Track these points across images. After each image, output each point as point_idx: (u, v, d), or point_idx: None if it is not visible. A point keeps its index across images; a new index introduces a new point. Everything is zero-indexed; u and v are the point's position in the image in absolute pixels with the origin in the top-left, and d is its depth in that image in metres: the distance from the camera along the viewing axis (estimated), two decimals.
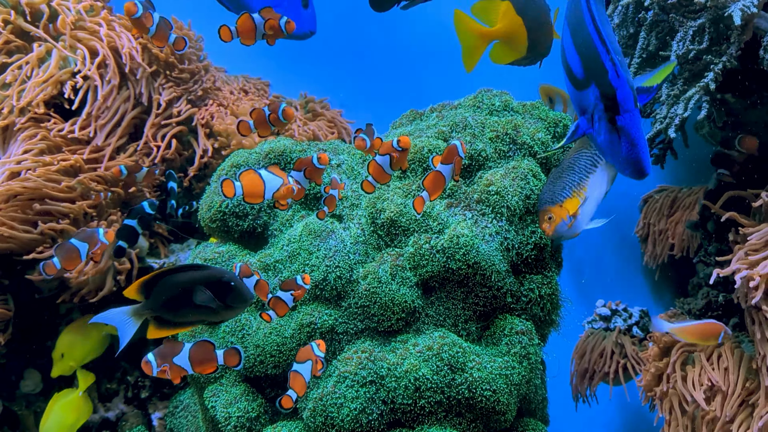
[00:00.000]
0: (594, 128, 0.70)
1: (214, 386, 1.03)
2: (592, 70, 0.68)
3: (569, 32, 0.73)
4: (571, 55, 0.72)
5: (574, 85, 0.73)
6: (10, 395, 1.28)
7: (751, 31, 1.07)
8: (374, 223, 1.02)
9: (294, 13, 0.97)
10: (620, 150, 0.67)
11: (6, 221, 1.16)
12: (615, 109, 0.66)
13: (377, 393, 0.92)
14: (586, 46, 0.69)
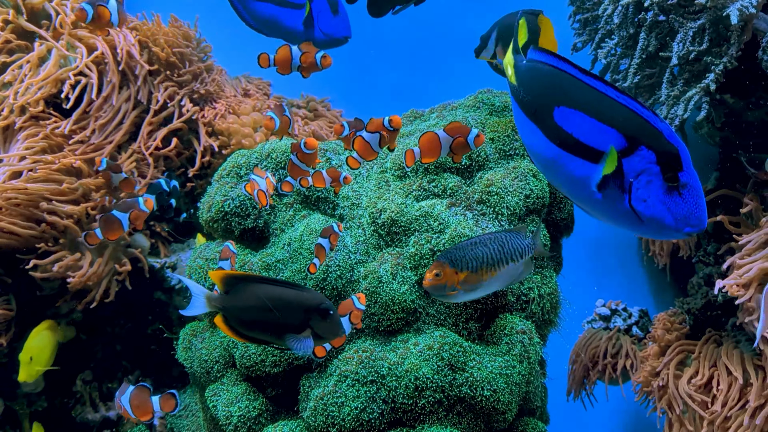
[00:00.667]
0: (632, 196, 0.66)
1: (215, 385, 1.04)
2: (640, 133, 0.66)
3: (579, 109, 0.69)
4: (596, 131, 0.68)
5: (594, 160, 0.68)
6: (11, 394, 1.28)
7: (751, 32, 1.08)
8: (375, 222, 1.03)
9: (325, 20, 0.98)
10: (683, 208, 0.65)
11: (7, 217, 1.16)
12: (678, 167, 0.65)
13: (378, 392, 0.92)
14: (620, 113, 0.67)
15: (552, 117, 0.71)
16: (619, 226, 0.70)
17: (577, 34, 1.41)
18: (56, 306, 1.27)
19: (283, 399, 1.03)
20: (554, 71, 0.71)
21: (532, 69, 0.74)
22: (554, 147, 0.71)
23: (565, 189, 0.73)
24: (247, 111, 1.46)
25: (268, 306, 0.71)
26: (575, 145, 0.69)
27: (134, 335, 1.35)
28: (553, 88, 0.71)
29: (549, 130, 0.71)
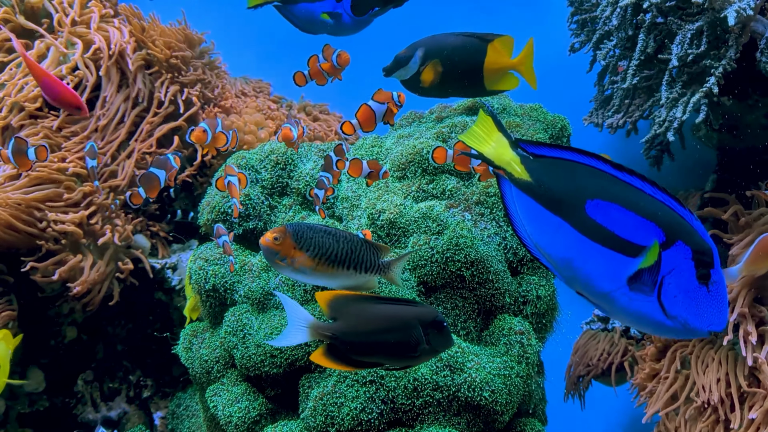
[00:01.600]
0: (662, 291, 0.66)
1: (216, 386, 1.04)
2: (677, 229, 0.66)
3: (616, 202, 0.68)
4: (633, 224, 0.67)
5: (630, 254, 0.67)
6: (12, 394, 1.29)
7: (749, 35, 1.08)
8: (374, 223, 1.03)
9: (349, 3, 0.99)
10: (710, 307, 0.66)
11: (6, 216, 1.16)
12: (710, 265, 0.65)
13: (377, 392, 0.93)
14: (657, 208, 0.67)
15: (584, 210, 0.70)
16: (638, 322, 0.69)
17: (575, 35, 1.41)
18: (57, 306, 1.28)
19: (283, 399, 1.03)
20: (581, 165, 0.71)
21: (551, 164, 0.72)
22: (586, 240, 0.69)
23: (587, 284, 0.71)
24: (250, 111, 1.46)
25: (387, 327, 0.70)
26: (610, 238, 0.68)
27: (135, 335, 1.36)
28: (584, 181, 0.71)
29: (580, 224, 0.70)
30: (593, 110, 1.38)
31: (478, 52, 0.93)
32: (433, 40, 0.94)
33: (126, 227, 1.26)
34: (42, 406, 1.30)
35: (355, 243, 0.78)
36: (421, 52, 0.93)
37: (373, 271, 0.81)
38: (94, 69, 1.31)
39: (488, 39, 0.93)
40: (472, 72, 0.94)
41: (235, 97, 1.50)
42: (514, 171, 0.72)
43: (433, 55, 0.93)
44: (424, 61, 0.92)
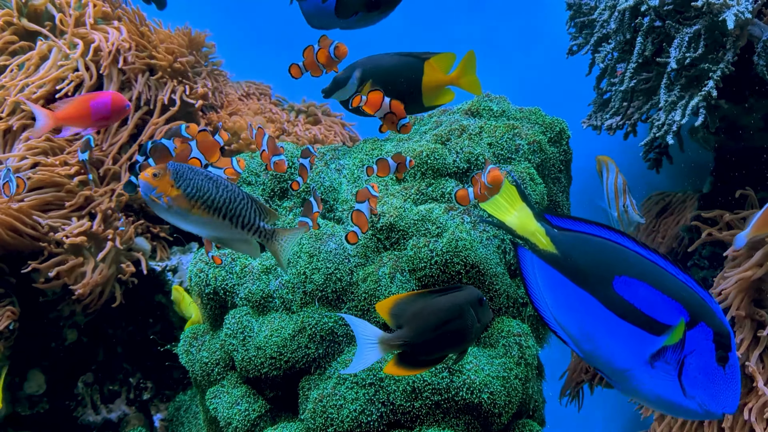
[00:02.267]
0: (683, 370, 0.68)
1: (216, 388, 1.05)
2: (700, 310, 0.68)
3: (644, 281, 0.69)
4: (659, 303, 0.69)
5: (654, 332, 0.69)
6: (13, 396, 1.29)
7: (746, 38, 1.09)
8: (374, 226, 1.04)
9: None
10: (725, 389, 0.67)
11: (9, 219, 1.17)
12: (729, 347, 0.67)
13: (376, 394, 0.93)
14: (681, 287, 0.68)
15: (611, 286, 0.70)
16: (656, 400, 0.69)
17: (573, 38, 1.42)
18: (58, 309, 1.28)
19: (283, 401, 1.04)
20: (607, 241, 0.72)
21: (577, 238, 0.73)
22: (612, 316, 0.70)
23: (608, 359, 0.71)
24: (251, 114, 1.47)
25: (448, 318, 0.71)
26: (636, 315, 0.69)
27: (135, 338, 1.36)
28: (612, 257, 0.71)
29: (607, 299, 0.70)
30: (592, 113, 1.39)
31: (415, 70, 0.96)
32: (371, 60, 0.96)
33: (128, 230, 1.26)
34: (42, 408, 1.31)
35: (236, 195, 0.77)
36: (359, 73, 0.95)
37: (252, 231, 0.79)
38: (95, 70, 1.31)
39: (424, 57, 0.96)
40: (410, 90, 0.95)
41: (237, 100, 1.51)
42: (539, 242, 0.73)
43: (371, 75, 0.95)
44: (361, 81, 0.94)
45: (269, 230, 0.79)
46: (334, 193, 1.14)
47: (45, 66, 1.30)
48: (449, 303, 0.72)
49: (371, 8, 1.06)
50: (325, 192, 1.13)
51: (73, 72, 1.29)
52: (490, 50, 1.88)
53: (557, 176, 1.17)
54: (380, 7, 1.08)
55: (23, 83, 1.28)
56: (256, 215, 0.78)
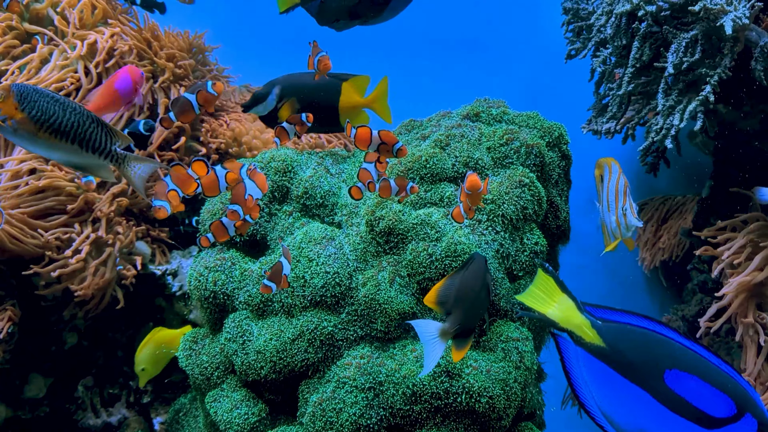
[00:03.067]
0: None
1: (216, 391, 1.05)
2: (745, 402, 0.69)
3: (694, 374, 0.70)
4: (709, 395, 0.70)
5: (704, 425, 0.69)
6: (14, 400, 1.29)
7: (743, 44, 1.10)
8: (373, 230, 1.04)
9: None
10: None
11: (12, 228, 1.17)
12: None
13: (376, 398, 0.93)
14: (727, 380, 0.69)
15: (662, 380, 0.71)
16: None
17: (570, 42, 1.43)
18: (59, 313, 1.29)
19: (283, 405, 1.04)
20: (652, 333, 0.72)
21: (622, 330, 0.74)
22: (664, 410, 0.71)
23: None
24: (251, 119, 1.48)
25: (479, 289, 0.76)
26: (687, 408, 0.70)
27: (135, 341, 1.36)
28: (660, 350, 0.72)
29: (658, 393, 0.71)
30: (592, 118, 1.40)
31: (333, 91, 0.98)
32: (291, 78, 0.98)
33: (129, 234, 1.27)
34: (43, 412, 1.31)
35: (85, 117, 0.76)
36: (278, 90, 0.97)
37: (103, 154, 0.77)
38: (93, 70, 1.31)
39: (343, 78, 0.98)
40: (327, 109, 0.98)
41: (235, 104, 1.51)
42: (585, 335, 0.73)
43: (290, 93, 0.97)
44: (280, 98, 0.97)
45: (121, 155, 0.78)
46: (333, 197, 1.14)
47: (46, 68, 1.30)
48: (475, 275, 0.75)
49: (353, 17, 1.09)
50: (324, 196, 1.13)
51: (73, 73, 1.30)
52: (489, 54, 1.89)
53: (556, 181, 1.18)
54: (361, 17, 1.10)
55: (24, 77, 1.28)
56: (107, 139, 0.77)
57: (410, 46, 1.92)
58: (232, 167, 0.91)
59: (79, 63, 1.31)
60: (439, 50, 1.92)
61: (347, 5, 1.11)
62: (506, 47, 1.87)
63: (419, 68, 1.92)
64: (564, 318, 0.75)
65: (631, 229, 0.96)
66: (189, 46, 1.44)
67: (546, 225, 1.15)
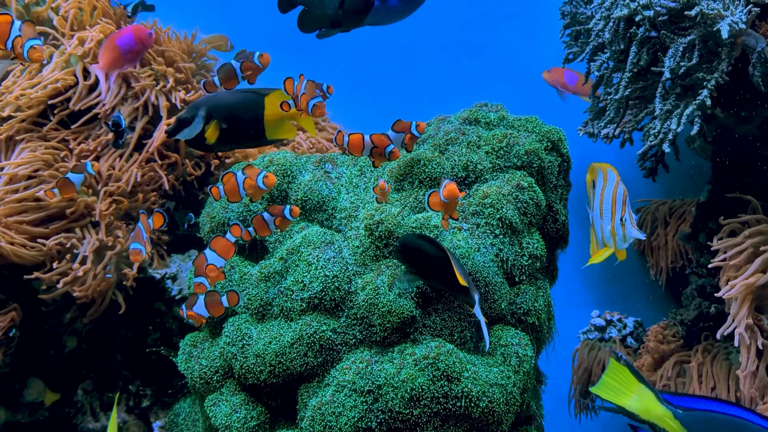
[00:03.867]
0: None
1: (215, 395, 1.05)
2: None
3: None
4: None
5: None
6: (13, 404, 1.29)
7: (740, 48, 1.10)
8: (372, 234, 1.04)
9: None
10: None
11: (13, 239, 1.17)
12: None
13: (375, 402, 0.94)
14: None
15: None
16: None
17: (568, 47, 1.43)
18: (58, 316, 1.29)
19: (282, 409, 1.04)
20: (734, 419, 0.71)
21: (705, 419, 0.72)
22: None
23: None
24: None
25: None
26: None
27: (135, 345, 1.37)
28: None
29: None
30: (588, 120, 1.40)
31: (256, 106, 0.98)
32: (214, 98, 0.99)
33: (128, 238, 1.27)
34: (42, 415, 1.31)
35: None
36: (203, 111, 0.97)
37: None
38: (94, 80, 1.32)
39: (264, 93, 0.99)
40: (253, 125, 0.99)
41: None
42: (669, 426, 0.71)
43: (215, 112, 0.97)
44: (207, 120, 0.96)
45: None
46: (333, 201, 1.15)
47: (48, 68, 1.31)
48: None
49: (334, 25, 1.12)
50: (323, 200, 1.14)
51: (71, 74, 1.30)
52: (488, 58, 1.90)
53: (555, 185, 1.18)
54: (341, 26, 1.13)
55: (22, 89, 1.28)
56: None
57: (409, 50, 1.92)
58: (250, 174, 0.93)
59: (78, 65, 1.31)
60: (437, 54, 1.92)
61: (329, 15, 1.12)
62: (505, 51, 1.88)
63: (418, 72, 1.92)
64: (644, 410, 0.73)
65: (629, 241, 0.94)
66: (189, 49, 1.45)
67: (545, 229, 1.15)
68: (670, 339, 1.26)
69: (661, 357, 1.22)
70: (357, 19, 1.14)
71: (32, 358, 1.29)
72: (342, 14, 1.12)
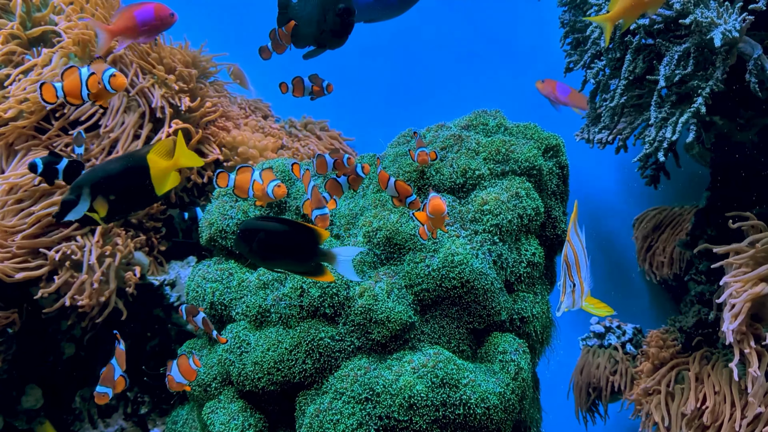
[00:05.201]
0: None
1: (213, 402, 1.05)
2: None
3: None
4: None
5: None
6: (11, 411, 1.29)
7: (735, 56, 1.11)
8: (370, 241, 1.04)
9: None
10: None
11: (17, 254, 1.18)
12: None
13: (373, 409, 0.93)
14: None
15: None
16: None
17: (568, 55, 1.44)
18: (58, 323, 1.29)
19: (280, 416, 1.04)
20: None
21: None
22: None
23: None
24: (250, 130, 1.49)
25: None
26: None
27: (133, 352, 1.36)
28: None
29: None
30: (585, 126, 1.40)
31: (141, 169, 0.96)
32: (94, 173, 0.97)
33: (128, 245, 1.27)
34: (40, 422, 1.30)
35: None
36: (87, 189, 0.95)
37: None
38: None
39: (145, 153, 0.97)
40: (141, 188, 0.96)
41: (237, 116, 1.52)
42: None
43: (99, 188, 0.95)
44: (93, 196, 0.94)
45: None
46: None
47: (47, 69, 1.31)
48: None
49: (320, 45, 1.15)
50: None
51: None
52: (488, 65, 1.90)
53: (554, 191, 1.18)
54: (326, 46, 1.17)
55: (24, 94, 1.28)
56: None
57: (410, 57, 1.93)
58: (264, 177, 0.94)
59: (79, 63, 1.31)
60: (438, 62, 1.93)
61: (311, 33, 1.15)
62: (506, 58, 1.88)
63: (418, 79, 1.93)
64: None
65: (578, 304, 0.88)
66: (191, 59, 1.45)
67: (544, 235, 1.15)
68: (669, 345, 1.26)
69: (660, 363, 1.22)
70: (336, 41, 1.16)
71: (30, 364, 1.29)
72: (323, 35, 1.14)
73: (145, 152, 0.96)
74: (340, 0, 1.11)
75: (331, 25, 1.13)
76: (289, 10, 1.16)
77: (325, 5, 1.13)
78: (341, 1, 1.11)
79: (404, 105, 1.91)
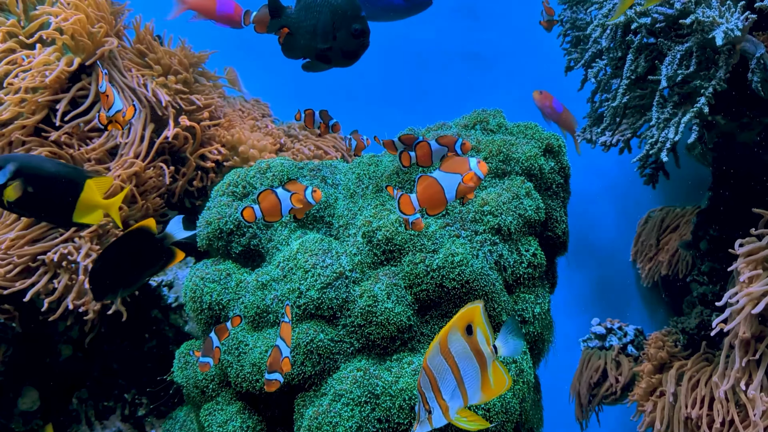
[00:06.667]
0: None
1: (210, 404, 1.04)
2: None
3: None
4: None
5: None
6: (8, 413, 1.28)
7: (738, 55, 1.10)
8: (370, 241, 1.04)
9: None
10: None
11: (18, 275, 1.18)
12: None
13: (373, 412, 0.92)
14: None
15: None
16: None
17: (568, 53, 1.43)
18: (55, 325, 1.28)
19: (278, 418, 1.03)
20: None
21: None
22: None
23: None
24: (249, 130, 1.48)
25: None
26: None
27: (130, 353, 1.36)
28: None
29: None
30: (586, 126, 1.40)
31: (75, 184, 0.91)
32: (32, 159, 0.92)
33: None
34: (36, 424, 1.30)
35: None
36: (12, 167, 0.88)
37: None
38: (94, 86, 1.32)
39: (88, 175, 0.93)
40: (62, 201, 0.91)
41: (236, 116, 1.52)
42: None
43: (26, 174, 0.88)
44: (14, 176, 0.87)
45: None
46: (330, 209, 1.14)
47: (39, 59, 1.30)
48: None
49: (324, 60, 1.09)
50: (321, 208, 1.13)
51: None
52: (488, 64, 1.90)
53: (555, 191, 1.18)
54: (331, 62, 1.09)
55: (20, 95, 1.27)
56: None
57: (411, 58, 1.93)
58: (296, 189, 0.92)
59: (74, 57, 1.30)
60: (440, 62, 1.93)
61: (315, 46, 1.07)
62: (506, 57, 1.88)
63: (419, 80, 1.93)
64: None
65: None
66: (187, 60, 1.45)
67: (545, 236, 1.15)
68: (670, 346, 1.25)
69: (662, 364, 1.21)
70: (346, 61, 1.09)
71: (27, 366, 1.28)
72: (332, 53, 1.08)
73: (87, 175, 0.93)
74: (355, 19, 1.05)
75: (342, 43, 1.06)
76: (283, 17, 1.09)
77: (337, 22, 1.06)
78: (356, 20, 1.05)
79: (404, 105, 1.91)
